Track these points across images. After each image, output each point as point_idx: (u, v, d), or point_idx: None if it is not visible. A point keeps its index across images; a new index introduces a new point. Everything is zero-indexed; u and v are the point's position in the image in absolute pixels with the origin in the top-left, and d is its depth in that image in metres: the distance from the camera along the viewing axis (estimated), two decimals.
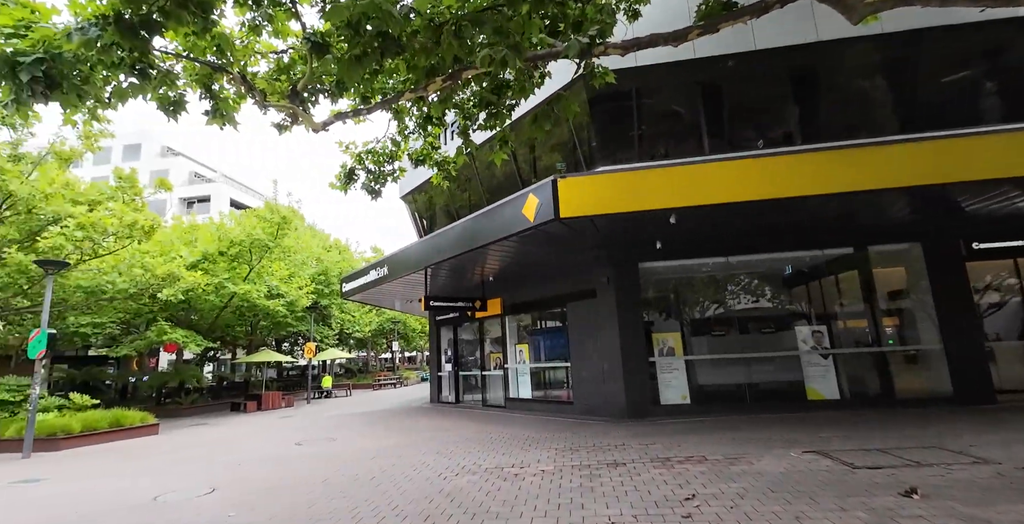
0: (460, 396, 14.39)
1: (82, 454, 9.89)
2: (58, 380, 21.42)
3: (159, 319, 17.38)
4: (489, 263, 11.00)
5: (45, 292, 10.37)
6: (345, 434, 10.08)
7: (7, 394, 11.43)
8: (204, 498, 5.59)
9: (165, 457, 8.88)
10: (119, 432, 11.76)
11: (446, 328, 15.56)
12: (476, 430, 9.29)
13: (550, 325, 12.07)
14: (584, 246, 9.54)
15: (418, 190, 15.81)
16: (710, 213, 7.59)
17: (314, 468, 6.82)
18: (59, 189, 12.45)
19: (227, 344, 26.55)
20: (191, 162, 48.54)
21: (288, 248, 20.52)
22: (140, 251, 14.43)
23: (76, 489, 6.58)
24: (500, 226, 8.50)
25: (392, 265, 12.10)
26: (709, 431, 7.55)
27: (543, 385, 11.77)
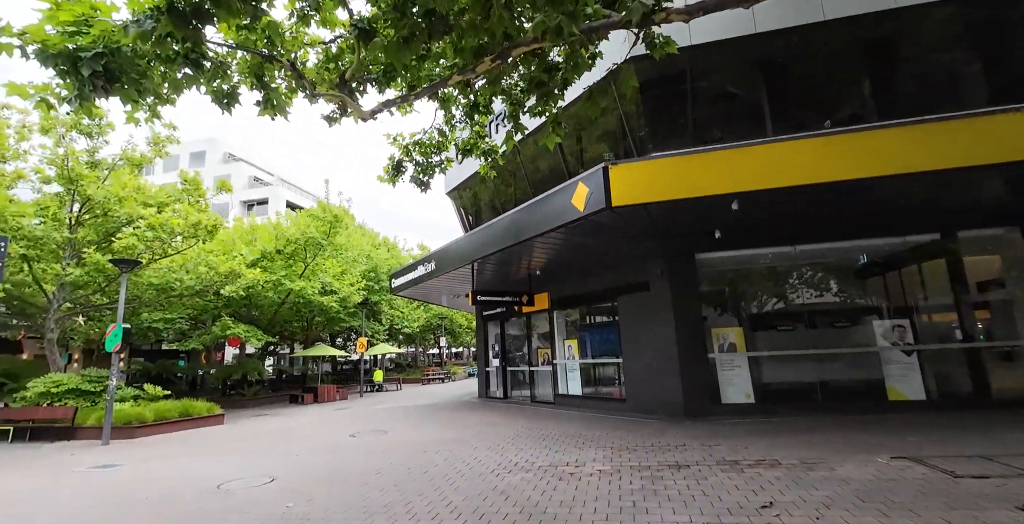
0: (508, 391, 14.28)
1: (154, 442, 10.49)
2: (135, 372, 23.04)
3: (223, 315, 18.29)
4: (536, 256, 10.78)
5: (120, 289, 11.05)
6: (397, 427, 10.17)
7: (89, 385, 12.31)
8: (264, 487, 5.70)
9: (229, 446, 9.24)
10: (188, 421, 12.42)
11: (493, 323, 15.48)
12: (526, 426, 9.11)
13: (599, 320, 11.72)
14: (636, 237, 9.12)
15: (464, 185, 15.79)
16: (777, 198, 7.04)
17: (368, 460, 6.85)
18: (131, 192, 13.27)
19: (285, 339, 27.76)
20: (251, 167, 51.20)
21: (340, 246, 21.10)
22: (205, 250, 15.20)
23: (147, 475, 6.91)
24: (548, 217, 8.25)
25: (439, 260, 12.11)
26: (778, 433, 7.02)
27: (593, 381, 11.44)
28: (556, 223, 8.01)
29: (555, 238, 8.90)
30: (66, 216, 13.44)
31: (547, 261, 11.18)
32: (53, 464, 8.27)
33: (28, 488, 6.51)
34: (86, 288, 13.56)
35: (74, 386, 12.32)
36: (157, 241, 12.81)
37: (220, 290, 15.14)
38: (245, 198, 45.92)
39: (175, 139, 15.28)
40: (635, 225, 8.29)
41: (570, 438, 7.54)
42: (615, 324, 10.75)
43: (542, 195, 8.60)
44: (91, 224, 13.49)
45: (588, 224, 7.87)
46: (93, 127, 13.95)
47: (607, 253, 10.25)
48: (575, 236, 8.85)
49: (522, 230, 8.92)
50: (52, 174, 12.95)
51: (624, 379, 10.25)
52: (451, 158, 6.43)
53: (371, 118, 4.63)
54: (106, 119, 14.15)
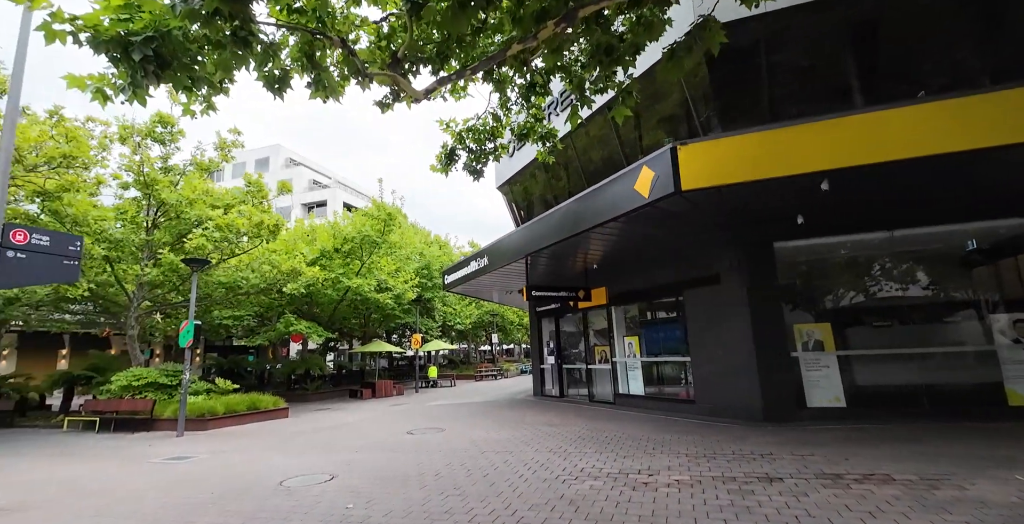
0: (565, 390, 13.83)
1: (224, 434, 10.87)
2: (210, 367, 24.45)
3: (286, 312, 18.97)
4: (594, 249, 10.27)
5: (191, 287, 11.54)
6: (453, 425, 9.98)
7: (166, 378, 12.99)
8: (324, 485, 5.59)
9: (292, 440, 9.38)
10: (255, 414, 12.85)
11: (547, 320, 15.07)
12: (587, 427, 8.65)
13: (663, 315, 11.03)
14: (706, 225, 8.43)
15: (515, 179, 15.46)
16: (875, 175, 6.19)
17: (426, 459, 6.65)
18: (200, 195, 13.88)
19: (344, 335, 28.61)
20: (311, 171, 53.57)
21: (394, 244, 21.38)
22: (268, 250, 15.74)
23: (215, 469, 7.03)
24: (608, 206, 7.74)
25: (492, 255, 11.84)
26: (879, 441, 6.19)
27: (656, 381, 10.79)
28: (617, 212, 7.48)
29: (615, 228, 8.37)
30: (143, 219, 14.26)
31: (605, 254, 10.63)
32: (131, 455, 8.67)
33: (106, 478, 6.78)
34: (162, 287, 14.35)
35: (153, 380, 13.04)
36: (224, 242, 13.33)
37: (283, 288, 15.64)
38: (305, 201, 48.06)
39: (239, 144, 15.91)
40: (706, 212, 7.63)
41: (637, 442, 7.01)
42: (681, 320, 10.06)
43: (601, 182, 8.09)
44: (166, 226, 14.24)
45: (653, 212, 7.30)
46: (166, 134, 14.73)
47: (672, 244, 9.59)
48: (638, 226, 8.28)
49: (580, 221, 8.45)
50: (130, 180, 13.76)
51: (692, 379, 9.56)
52: (505, 145, 6.08)
53: (424, 98, 4.35)
54: (177, 126, 14.94)
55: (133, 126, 14.15)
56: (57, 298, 13.73)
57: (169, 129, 14.72)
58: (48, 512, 5.22)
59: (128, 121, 14.22)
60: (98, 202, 14.36)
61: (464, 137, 5.92)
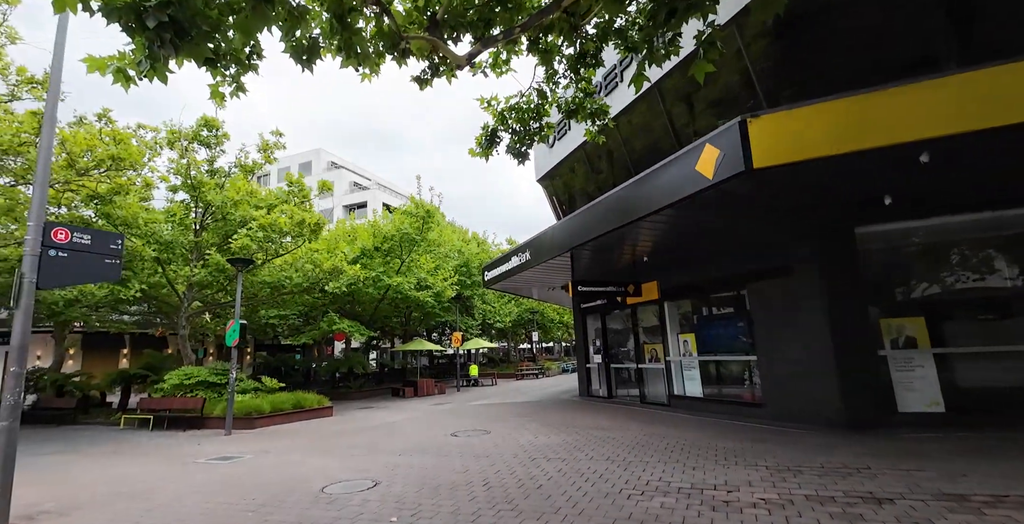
0: (613, 390, 13.15)
1: (271, 433, 10.84)
2: (259, 365, 25.11)
3: (329, 311, 19.11)
4: (645, 239, 9.58)
5: (236, 287, 11.60)
6: (498, 427, 9.54)
7: (215, 377, 13.19)
8: (367, 493, 5.24)
9: (336, 441, 9.18)
10: (300, 413, 12.86)
11: (592, 317, 14.41)
12: (643, 432, 8.00)
13: (722, 310, 10.20)
14: (775, 209, 7.61)
15: (555, 171, 14.87)
16: (988, 144, 5.28)
17: (473, 465, 6.21)
18: (244, 196, 14.04)
19: (385, 334, 28.84)
20: (351, 173, 54.78)
21: (432, 241, 21.22)
22: (310, 249, 15.82)
23: (259, 471, 6.84)
24: (664, 191, 7.06)
25: (535, 249, 11.31)
26: (997, 454, 5.28)
27: (716, 381, 9.98)
28: (675, 197, 6.80)
29: (671, 216, 7.68)
30: (192, 221, 14.56)
31: (657, 245, 9.93)
32: (179, 454, 8.68)
33: (152, 480, 6.70)
34: (210, 287, 14.63)
35: (203, 378, 13.26)
36: (268, 241, 13.40)
37: (325, 287, 15.68)
38: (346, 203, 49.11)
39: (281, 145, 16.05)
40: (777, 194, 6.84)
41: (703, 450, 6.33)
42: (744, 315, 9.25)
43: (656, 166, 7.41)
44: (213, 228, 14.50)
45: (716, 196, 6.58)
46: (211, 138, 15.01)
47: (734, 233, 8.79)
48: (697, 213, 7.56)
49: (631, 209, 7.80)
50: (178, 183, 14.05)
51: (759, 380, 8.73)
52: (552, 124, 5.55)
53: (467, 64, 3.89)
54: (221, 129, 15.19)
55: (180, 130, 14.46)
56: (113, 299, 14.19)
57: (214, 132, 14.99)
58: (90, 516, 5.09)
59: (175, 126, 14.56)
60: (150, 206, 14.80)
61: (506, 117, 5.43)
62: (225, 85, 4.08)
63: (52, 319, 14.60)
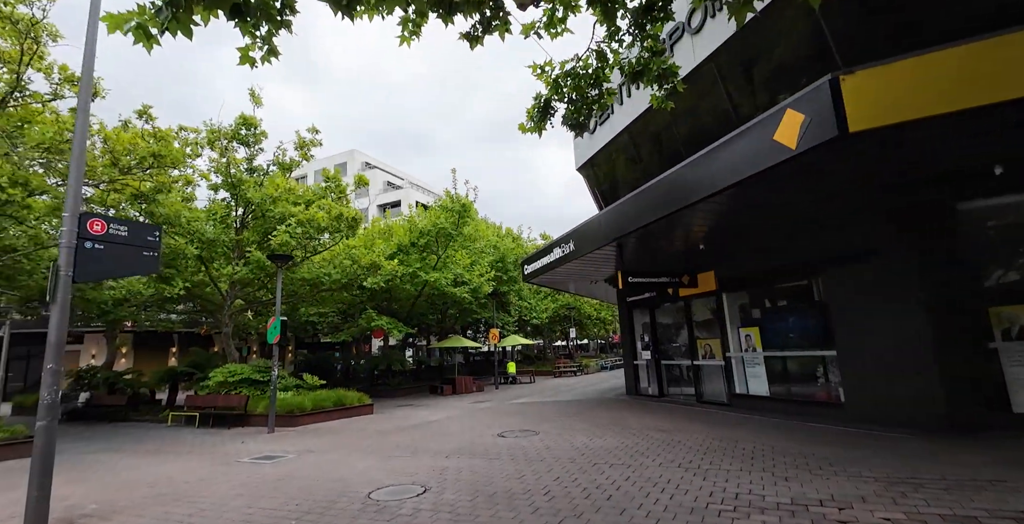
0: (664, 388, 12.40)
1: (313, 431, 10.63)
2: (300, 362, 25.41)
3: (367, 308, 19.01)
4: (700, 225, 8.84)
5: (276, 283, 11.47)
6: (546, 427, 9.00)
7: (258, 374, 13.16)
8: (417, 501, 4.79)
9: (379, 441, 8.85)
10: (341, 411, 12.66)
11: (640, 311, 13.67)
12: (710, 434, 7.29)
13: (794, 301, 9.34)
14: (861, 183, 6.76)
15: (597, 159, 14.17)
16: None
17: (527, 470, 5.69)
18: (283, 193, 13.96)
19: (421, 331, 28.76)
20: (385, 173, 55.40)
21: (468, 236, 20.85)
22: (348, 246, 15.69)
23: (301, 473, 6.52)
24: (731, 168, 6.35)
25: (579, 239, 10.68)
26: None
27: (785, 379, 9.13)
28: (745, 173, 6.07)
29: (737, 197, 6.94)
30: (233, 219, 14.61)
31: (715, 231, 9.16)
32: (223, 453, 8.52)
33: (195, 480, 6.47)
34: (252, 285, 14.66)
35: (246, 376, 13.25)
36: (306, 237, 13.27)
37: (363, 283, 15.52)
38: (381, 202, 49.62)
39: (318, 142, 15.96)
40: (870, 164, 6.03)
41: (790, 457, 5.60)
42: (819, 306, 8.40)
43: (720, 141, 6.70)
44: (253, 226, 14.51)
45: (796, 170, 5.84)
46: (249, 136, 15.03)
47: (807, 213, 7.95)
48: (768, 192, 6.82)
49: (690, 191, 7.11)
50: (218, 181, 14.10)
51: (840, 377, 7.86)
52: (612, 90, 4.94)
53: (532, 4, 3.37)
54: (259, 128, 15.19)
55: (220, 129, 14.52)
56: (160, 298, 14.39)
57: (252, 131, 15.00)
58: (130, 522, 4.83)
59: (215, 125, 14.63)
60: (192, 206, 14.95)
61: (561, 84, 4.86)
62: (256, 49, 3.66)
63: (102, 318, 14.97)
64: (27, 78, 8.91)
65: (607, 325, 41.77)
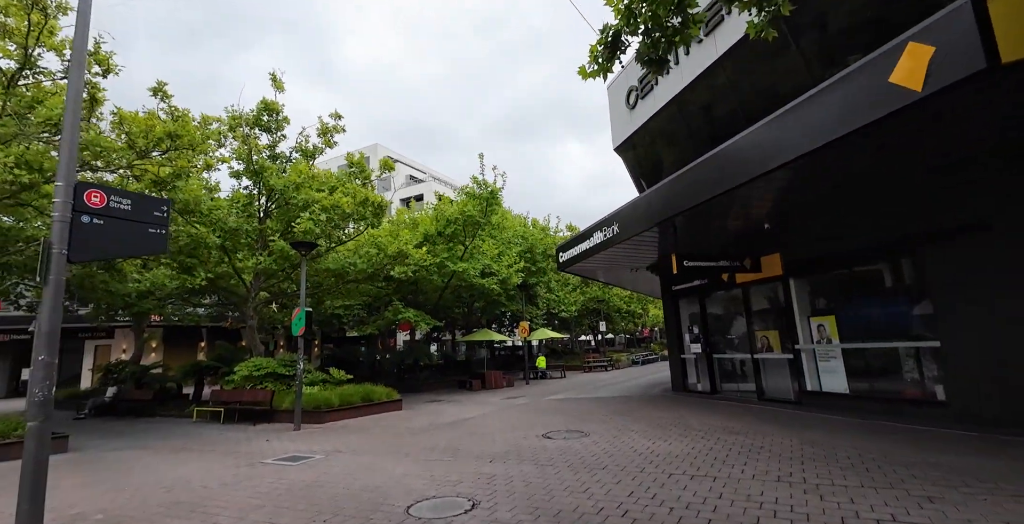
0: (717, 384, 11.37)
1: (339, 429, 10.00)
2: (327, 356, 25.08)
3: (394, 300, 18.41)
4: (769, 201, 7.82)
5: (300, 273, 10.85)
6: (596, 427, 8.13)
7: (284, 369, 12.63)
8: (467, 519, 3.98)
9: (412, 440, 8.12)
10: (369, 407, 12.03)
11: (687, 300, 12.64)
12: (793, 437, 6.31)
13: (877, 286, 8.23)
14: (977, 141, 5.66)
15: (638, 136, 13.11)
16: None
17: (590, 480, 4.83)
18: (306, 180, 13.35)
19: (447, 326, 28.17)
20: (407, 167, 55.12)
21: (496, 225, 20.04)
22: (373, 235, 15.03)
23: (330, 479, 5.80)
24: (823, 124, 5.35)
25: (624, 221, 9.72)
26: None
27: (868, 374, 8.05)
28: (845, 128, 5.07)
29: (830, 160, 5.93)
30: (256, 208, 14.09)
31: (785, 207, 8.11)
32: (247, 452, 7.91)
33: (215, 484, 5.82)
34: (275, 276, 14.14)
35: (272, 370, 12.74)
36: (330, 224, 12.63)
37: (390, 272, 14.87)
38: (403, 196, 49.28)
39: (341, 128, 15.32)
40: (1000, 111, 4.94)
41: (913, 468, 4.59)
42: (915, 290, 7.31)
43: (807, 95, 5.68)
44: (276, 215, 13.98)
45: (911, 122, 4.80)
46: (271, 122, 14.46)
47: (900, 181, 6.85)
48: (862, 153, 5.77)
49: (768, 156, 6.11)
50: (240, 168, 13.57)
51: (943, 371, 6.77)
52: (700, 16, 3.99)
53: None
54: (281, 113, 14.61)
55: (241, 115, 13.98)
56: (184, 290, 13.98)
57: (275, 116, 14.43)
58: None
59: (236, 111, 14.10)
60: (215, 196, 14.48)
61: (635, 11, 3.95)
62: None
63: (127, 311, 14.67)
64: (37, 54, 8.41)
65: (636, 319, 40.53)
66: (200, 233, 11.50)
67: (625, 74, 13.39)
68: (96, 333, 24.66)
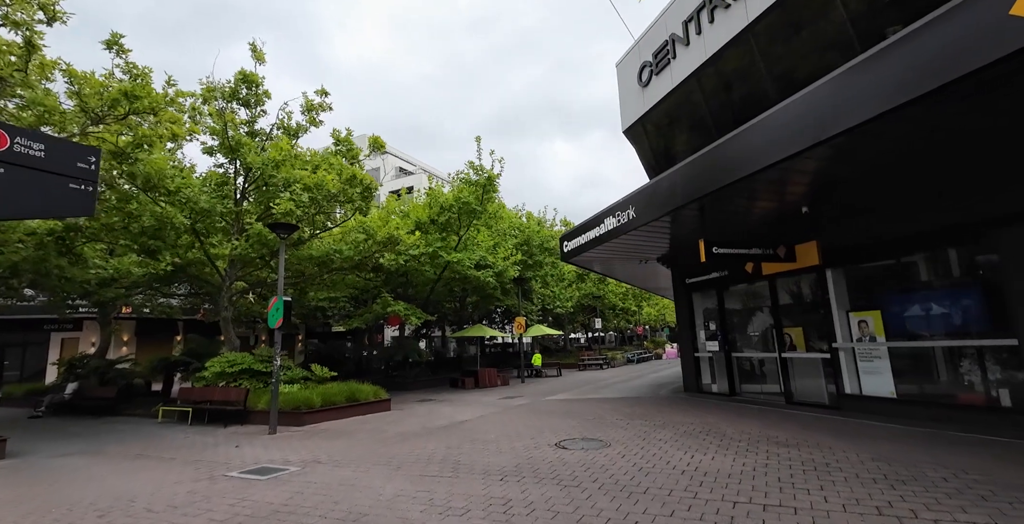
0: (736, 386, 10.47)
1: (321, 432, 8.90)
2: (310, 353, 23.86)
3: (382, 292, 17.28)
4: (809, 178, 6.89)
5: (279, 258, 9.71)
6: (615, 435, 7.15)
7: (261, 365, 11.49)
8: None
9: (402, 449, 7.07)
10: (355, 407, 10.94)
11: (702, 294, 11.73)
12: (856, 450, 5.38)
13: (933, 277, 7.36)
14: None
15: (651, 117, 12.12)
16: None
17: (634, 511, 3.83)
18: (287, 157, 12.16)
19: (437, 321, 27.06)
20: (397, 159, 53.76)
21: (493, 214, 18.96)
22: (361, 221, 13.89)
23: (304, 502, 4.73)
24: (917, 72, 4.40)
25: (643, 204, 8.74)
26: None
27: (918, 376, 7.18)
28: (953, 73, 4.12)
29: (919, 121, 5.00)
30: (232, 188, 12.86)
31: (831, 187, 7.19)
32: (212, 461, 6.79)
33: (162, 506, 4.71)
34: (253, 264, 12.95)
35: (247, 366, 11.58)
36: (313, 206, 11.48)
37: (379, 261, 13.75)
38: (393, 188, 47.93)
39: (327, 106, 14.16)
40: None
41: None
42: (982, 282, 6.43)
43: (895, 36, 4.72)
44: (256, 197, 12.79)
45: None
46: (251, 96, 13.22)
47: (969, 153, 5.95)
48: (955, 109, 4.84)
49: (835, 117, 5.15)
50: (215, 144, 12.33)
51: (1019, 374, 5.90)
52: None
53: None
54: (262, 86, 13.38)
55: (216, 87, 12.72)
56: (153, 279, 12.71)
57: (254, 89, 13.19)
58: None
59: (211, 82, 12.85)
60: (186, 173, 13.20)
61: None
62: None
63: (88, 300, 13.36)
64: None
65: (630, 316, 39.77)
66: (166, 212, 10.28)
67: (638, 49, 12.40)
68: (63, 325, 23.10)
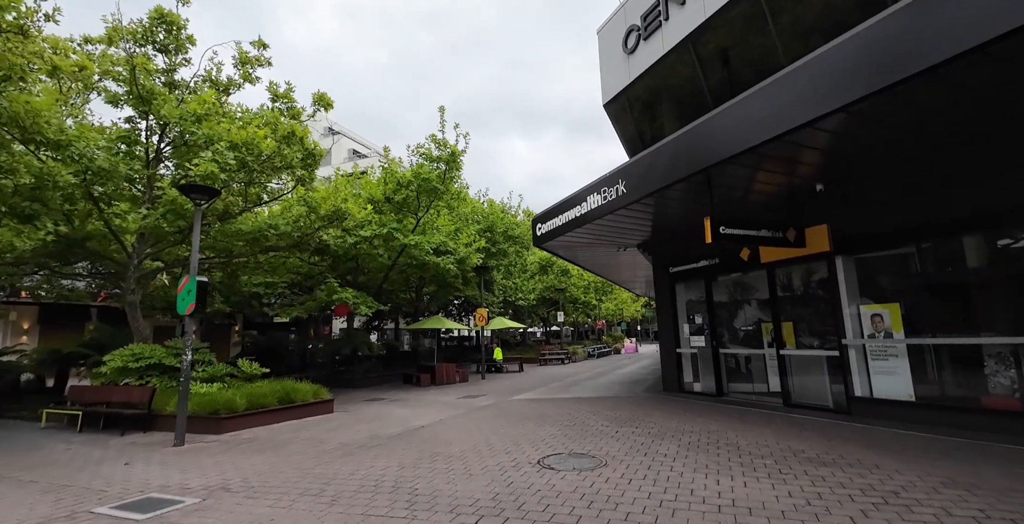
0: (724, 385, 9.57)
1: (242, 444, 7.23)
2: (248, 345, 21.53)
3: (329, 278, 15.42)
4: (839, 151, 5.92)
5: (194, 227, 7.87)
6: (606, 447, 5.96)
7: (174, 359, 9.57)
8: None
9: (343, 468, 5.58)
10: (289, 410, 9.27)
11: (687, 284, 10.77)
12: (911, 469, 4.42)
13: (960, 266, 6.57)
14: None
15: (637, 88, 10.98)
16: None
17: None
18: (211, 111, 10.16)
19: (391, 312, 25.28)
20: (350, 141, 50.73)
21: (456, 194, 17.40)
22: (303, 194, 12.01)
23: None
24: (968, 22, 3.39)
25: (638, 178, 7.57)
26: None
27: (939, 377, 6.40)
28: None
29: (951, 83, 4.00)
30: (145, 147, 10.70)
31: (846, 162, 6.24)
32: (84, 488, 5.06)
33: None
34: (167, 240, 10.86)
35: (157, 360, 9.64)
36: (243, 171, 9.60)
37: (323, 239, 11.98)
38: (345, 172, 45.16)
39: (265, 60, 12.16)
40: None
41: None
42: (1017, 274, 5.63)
43: None
44: (173, 158, 10.70)
45: None
46: (169, 41, 11.06)
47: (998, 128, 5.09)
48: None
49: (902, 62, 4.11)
50: (120, 91, 10.16)
51: None
52: None
53: None
54: (185, 31, 11.23)
55: (123, 28, 10.51)
56: (39, 253, 10.38)
57: (173, 33, 11.02)
58: None
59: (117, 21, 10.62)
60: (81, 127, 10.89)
61: None
62: None
63: None
64: None
65: (591, 310, 39.17)
66: (48, 168, 8.17)
67: (623, 12, 11.21)
68: None
